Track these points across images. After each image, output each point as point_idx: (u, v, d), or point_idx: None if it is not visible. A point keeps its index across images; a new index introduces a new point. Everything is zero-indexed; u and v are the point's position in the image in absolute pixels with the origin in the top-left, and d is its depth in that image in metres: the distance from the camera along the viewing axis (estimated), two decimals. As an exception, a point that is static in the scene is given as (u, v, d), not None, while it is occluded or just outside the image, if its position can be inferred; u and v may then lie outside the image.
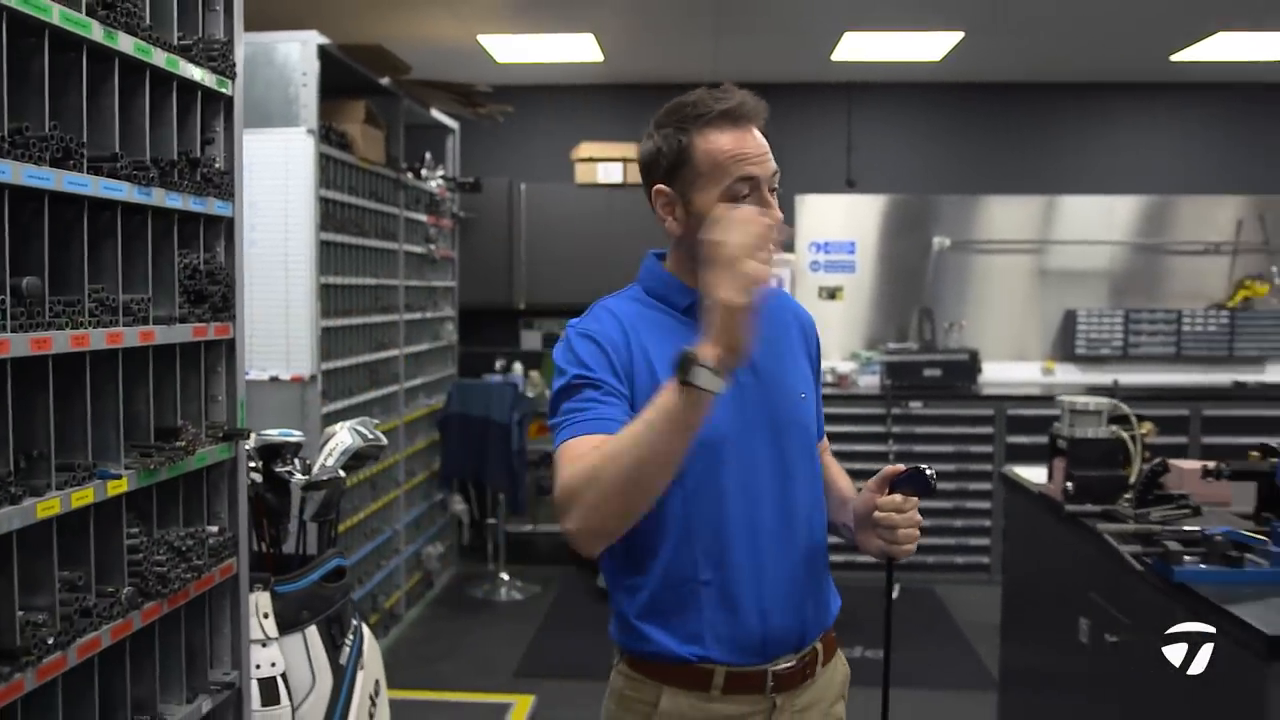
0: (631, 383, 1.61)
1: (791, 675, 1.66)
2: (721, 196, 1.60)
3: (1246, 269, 6.65)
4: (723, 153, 1.61)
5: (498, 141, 6.65)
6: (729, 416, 1.60)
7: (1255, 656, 1.90)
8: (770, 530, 1.65)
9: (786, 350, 1.79)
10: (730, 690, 1.62)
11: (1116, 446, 2.85)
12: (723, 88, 1.66)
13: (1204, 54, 6.04)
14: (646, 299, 1.74)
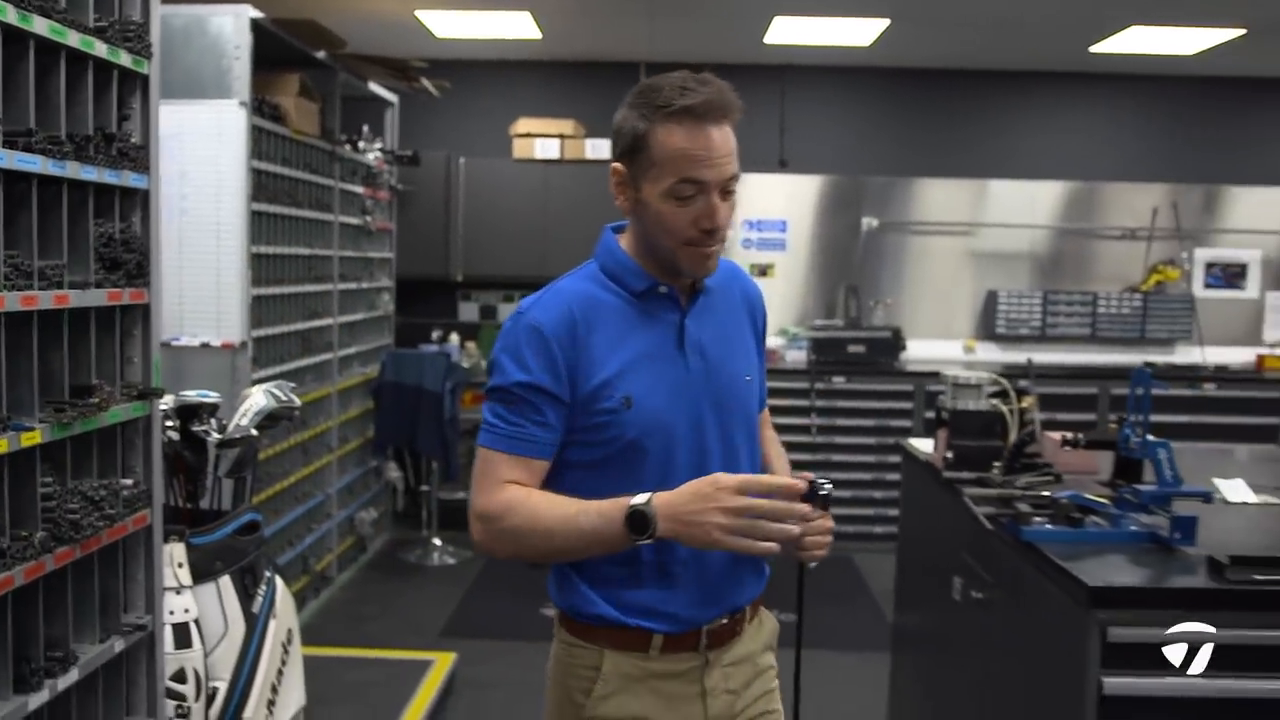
0: (573, 374, 1.65)
1: (722, 632, 1.76)
2: (666, 193, 1.62)
3: (1160, 255, 6.93)
4: (675, 149, 1.60)
5: (437, 116, 6.74)
6: (679, 401, 1.70)
7: (1079, 605, 2.11)
8: None
9: (735, 331, 1.83)
10: (667, 650, 1.72)
11: (994, 418, 3.04)
12: (700, 78, 1.63)
13: (1121, 46, 6.26)
14: (602, 279, 1.74)
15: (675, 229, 1.64)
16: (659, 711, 1.73)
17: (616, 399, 1.65)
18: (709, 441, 1.72)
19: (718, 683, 1.77)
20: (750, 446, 1.82)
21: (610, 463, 1.68)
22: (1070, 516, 2.43)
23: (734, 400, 1.78)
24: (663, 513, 1.54)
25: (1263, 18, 5.60)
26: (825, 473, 4.73)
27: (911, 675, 3.57)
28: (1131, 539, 2.38)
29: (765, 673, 1.87)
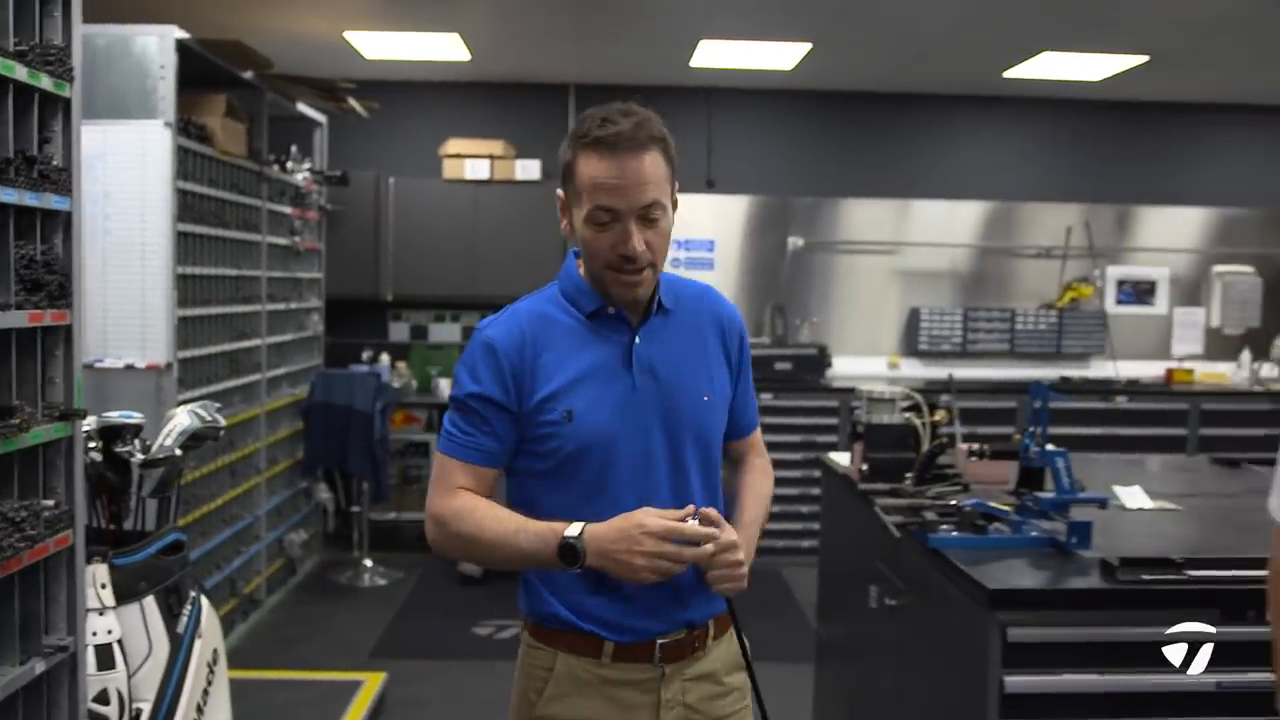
0: (520, 388, 1.75)
1: (679, 647, 1.81)
2: (586, 218, 1.71)
3: (1074, 272, 7.18)
4: (590, 179, 1.69)
5: (366, 136, 6.75)
6: (624, 417, 1.76)
7: (981, 607, 2.21)
8: None
9: (694, 352, 1.86)
10: (619, 659, 1.78)
11: (907, 431, 3.16)
12: (625, 109, 1.71)
13: (1033, 71, 6.50)
14: (560, 301, 1.83)
15: (597, 254, 1.73)
16: (610, 716, 1.79)
17: (559, 412, 1.74)
18: (655, 456, 1.78)
19: (675, 695, 1.81)
20: (703, 462, 1.85)
21: (554, 473, 1.77)
22: (975, 524, 2.54)
23: (684, 418, 1.81)
24: (591, 546, 1.64)
25: (1163, 47, 5.86)
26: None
27: (834, 683, 3.66)
28: (1031, 544, 2.49)
29: (732, 693, 1.89)
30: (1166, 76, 6.56)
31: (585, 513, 1.70)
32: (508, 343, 1.76)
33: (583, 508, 1.72)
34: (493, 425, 1.76)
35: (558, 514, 1.71)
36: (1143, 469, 3.92)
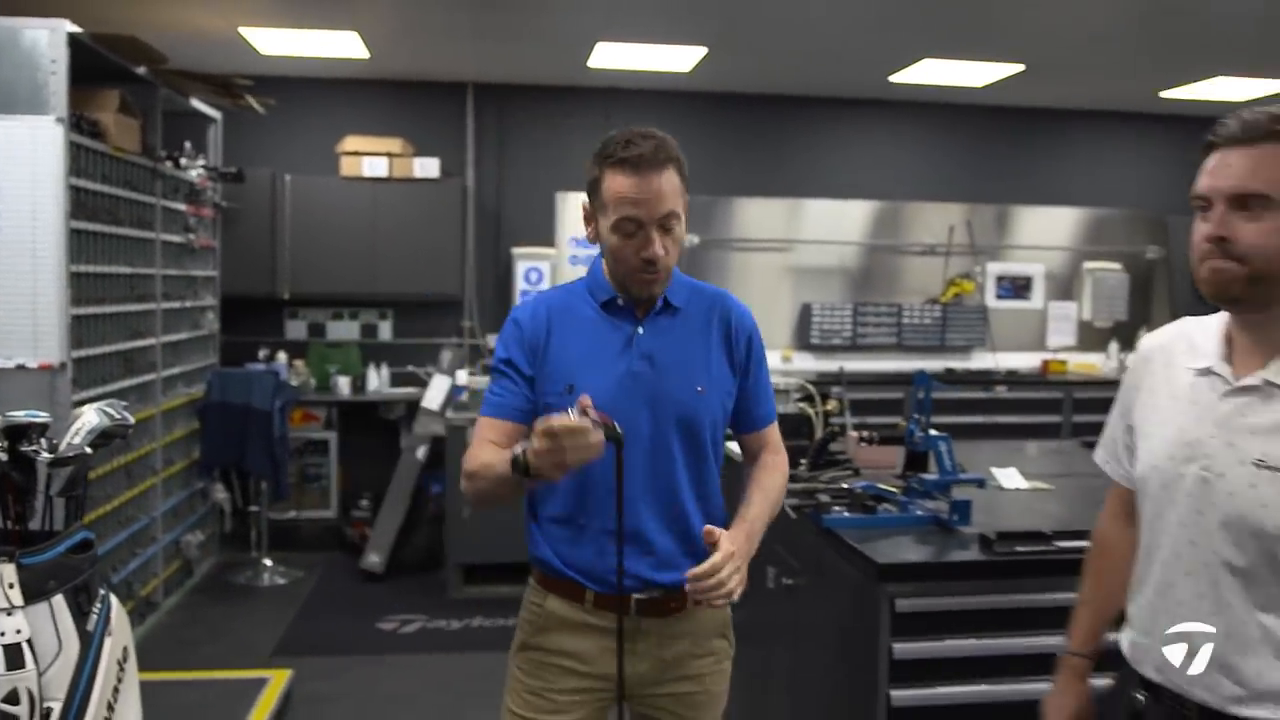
0: (536, 358, 2.03)
1: (654, 604, 2.01)
2: (612, 227, 1.95)
3: (957, 269, 7.50)
4: (616, 194, 1.92)
5: (262, 133, 6.67)
6: (616, 396, 1.96)
7: (871, 581, 2.37)
8: (644, 495, 1.98)
9: (697, 349, 2.06)
10: (600, 606, 2.01)
11: (801, 420, 3.33)
12: (646, 132, 1.96)
13: (917, 77, 6.77)
14: (582, 292, 2.10)
15: (623, 258, 1.97)
16: (588, 654, 2.03)
17: (561, 385, 2.00)
18: (638, 435, 1.96)
19: (649, 647, 2.04)
20: (690, 449, 2.02)
21: None
22: (865, 505, 2.71)
23: (674, 404, 2.01)
24: (530, 456, 1.79)
25: (1038, 57, 6.18)
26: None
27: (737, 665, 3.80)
28: (917, 522, 2.67)
29: (706, 656, 2.10)
30: (1042, 84, 6.91)
31: (569, 479, 1.87)
32: (530, 321, 2.06)
33: (578, 479, 1.93)
34: (520, 385, 2.04)
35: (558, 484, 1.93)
36: (1020, 453, 4.17)
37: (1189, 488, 1.60)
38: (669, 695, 2.07)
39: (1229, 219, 1.52)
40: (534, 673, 2.08)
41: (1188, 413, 1.64)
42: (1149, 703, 1.67)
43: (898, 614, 2.36)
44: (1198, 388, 1.64)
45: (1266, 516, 1.51)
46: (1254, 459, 1.53)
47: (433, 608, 5.46)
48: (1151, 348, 1.78)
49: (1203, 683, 1.59)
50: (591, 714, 2.08)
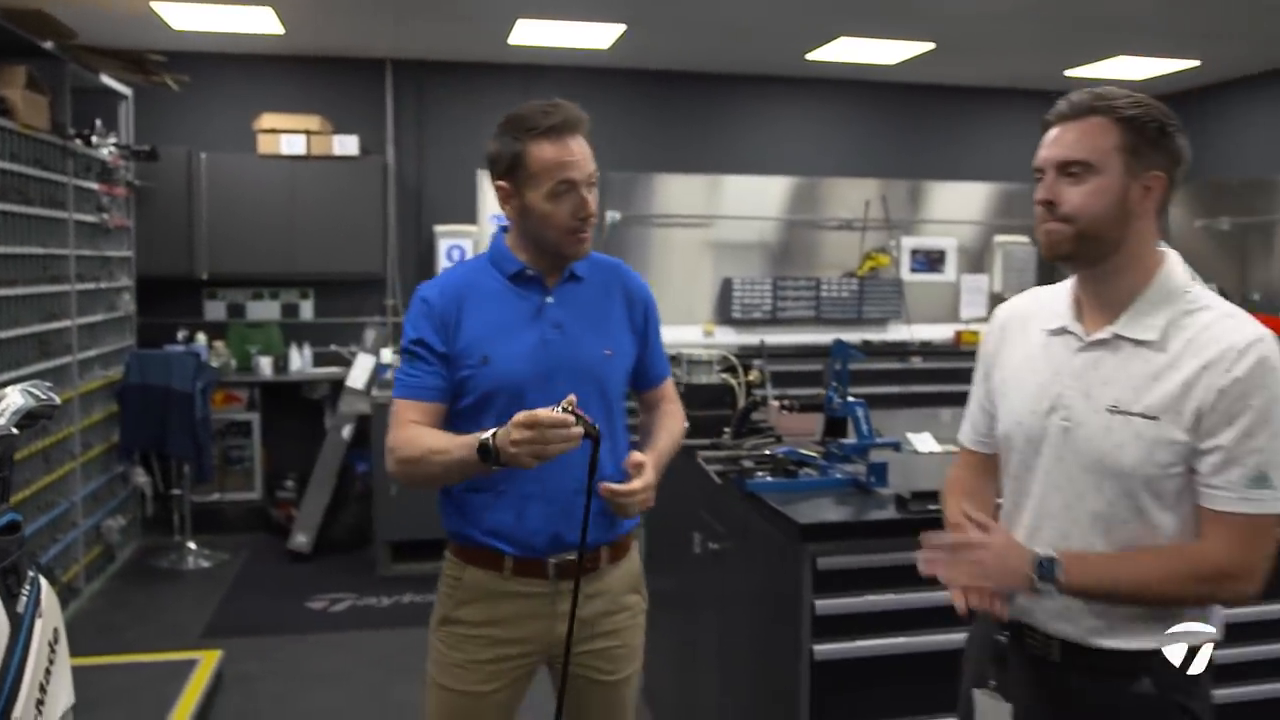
0: (449, 335, 2.06)
1: (572, 566, 2.04)
2: (547, 195, 2.00)
3: (873, 243, 7.67)
4: (548, 161, 1.99)
5: (176, 110, 6.55)
6: (532, 364, 2.06)
7: (793, 541, 2.48)
8: (559, 462, 1.92)
9: (602, 316, 2.17)
10: (518, 573, 2.08)
11: (724, 390, 3.42)
12: (553, 102, 2.02)
13: (832, 55, 6.90)
14: (487, 267, 2.14)
15: (559, 223, 2.03)
16: (510, 623, 2.10)
17: (476, 357, 2.07)
18: (556, 397, 1.98)
19: (568, 608, 2.02)
20: (604, 409, 2.11)
21: (475, 409, 2.07)
22: (787, 469, 2.82)
23: (584, 369, 2.11)
24: (498, 443, 1.86)
25: (948, 36, 6.35)
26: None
27: (665, 631, 3.90)
28: (836, 484, 2.79)
29: (622, 611, 2.21)
30: (952, 63, 7.10)
31: None
32: (439, 298, 2.10)
33: None
34: (433, 365, 2.07)
35: None
36: (934, 419, 4.32)
37: (1052, 438, 1.74)
38: (590, 652, 2.15)
39: (1056, 185, 1.69)
40: (457, 645, 2.13)
41: (1045, 370, 1.78)
42: (1010, 642, 1.80)
43: (819, 572, 2.47)
44: (1052, 346, 1.78)
45: (1123, 456, 1.65)
46: (1108, 406, 1.67)
47: (362, 586, 5.47)
48: (1006, 316, 1.93)
49: (1065, 618, 1.72)
50: (517, 679, 2.16)
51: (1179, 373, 1.62)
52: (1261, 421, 1.58)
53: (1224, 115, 7.92)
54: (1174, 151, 1.69)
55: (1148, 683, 1.67)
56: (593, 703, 2.19)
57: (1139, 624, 1.67)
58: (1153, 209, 1.69)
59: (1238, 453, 1.58)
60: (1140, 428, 1.63)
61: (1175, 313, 1.67)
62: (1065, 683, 1.74)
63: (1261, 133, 7.61)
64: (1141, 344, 1.67)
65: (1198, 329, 1.64)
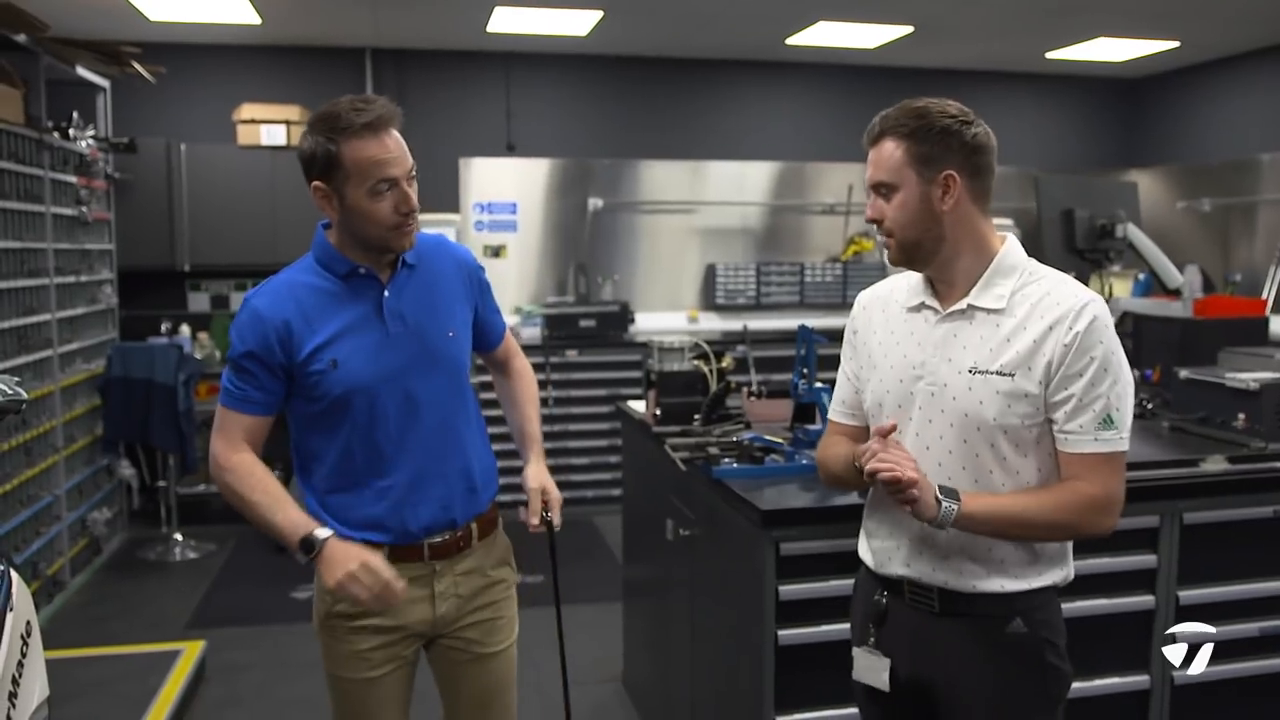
0: (287, 345, 2.04)
1: (445, 546, 2.16)
2: (367, 193, 1.97)
3: (856, 228, 7.70)
4: (367, 159, 1.96)
5: (154, 101, 6.54)
6: (381, 361, 2.06)
7: (757, 527, 2.50)
8: (423, 447, 2.12)
9: (441, 296, 2.18)
10: (395, 560, 2.08)
11: (696, 377, 3.44)
12: (365, 98, 2.00)
13: (812, 39, 6.90)
14: (315, 268, 2.10)
15: (382, 219, 2.01)
16: (389, 610, 2.10)
17: (325, 362, 2.05)
18: (413, 390, 2.11)
19: (447, 588, 2.18)
20: (454, 389, 2.17)
21: (328, 413, 2.08)
22: (753, 455, 2.84)
23: (433, 354, 2.14)
24: (328, 553, 1.95)
25: (926, 19, 6.35)
26: (563, 442, 5.18)
27: (641, 616, 3.94)
28: (802, 470, 2.81)
29: (497, 584, 2.27)
30: (932, 45, 7.10)
31: (351, 439, 2.07)
32: (273, 312, 2.05)
33: (349, 436, 2.07)
34: (260, 380, 2.06)
35: (327, 440, 2.08)
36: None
37: (920, 401, 1.91)
38: (469, 625, 2.22)
39: (877, 204, 1.91)
40: (342, 638, 2.17)
41: (909, 342, 1.96)
42: (890, 601, 1.99)
43: (783, 557, 2.49)
44: (914, 321, 1.97)
45: (985, 411, 1.84)
46: (968, 368, 1.86)
47: (346, 575, 5.47)
48: (869, 299, 2.10)
49: (947, 567, 1.90)
50: (404, 662, 2.22)
51: (1028, 333, 1.83)
52: (1102, 371, 1.80)
53: (1204, 96, 7.94)
54: (961, 147, 1.84)
55: (1019, 623, 1.89)
56: (474, 676, 2.25)
57: (1011, 569, 1.89)
58: (962, 201, 1.85)
59: (1086, 400, 1.81)
60: (998, 384, 1.83)
61: (1017, 283, 1.88)
62: (945, 631, 1.92)
63: (1241, 113, 7.63)
64: (992, 312, 1.87)
65: (1039, 295, 1.86)
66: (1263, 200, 6.98)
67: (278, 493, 2.03)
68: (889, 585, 1.99)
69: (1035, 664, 1.90)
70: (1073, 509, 1.82)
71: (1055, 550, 1.93)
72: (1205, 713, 2.85)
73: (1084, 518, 1.83)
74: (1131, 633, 2.79)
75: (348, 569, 1.91)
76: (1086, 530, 1.85)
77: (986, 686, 1.89)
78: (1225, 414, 3.15)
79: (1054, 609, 1.94)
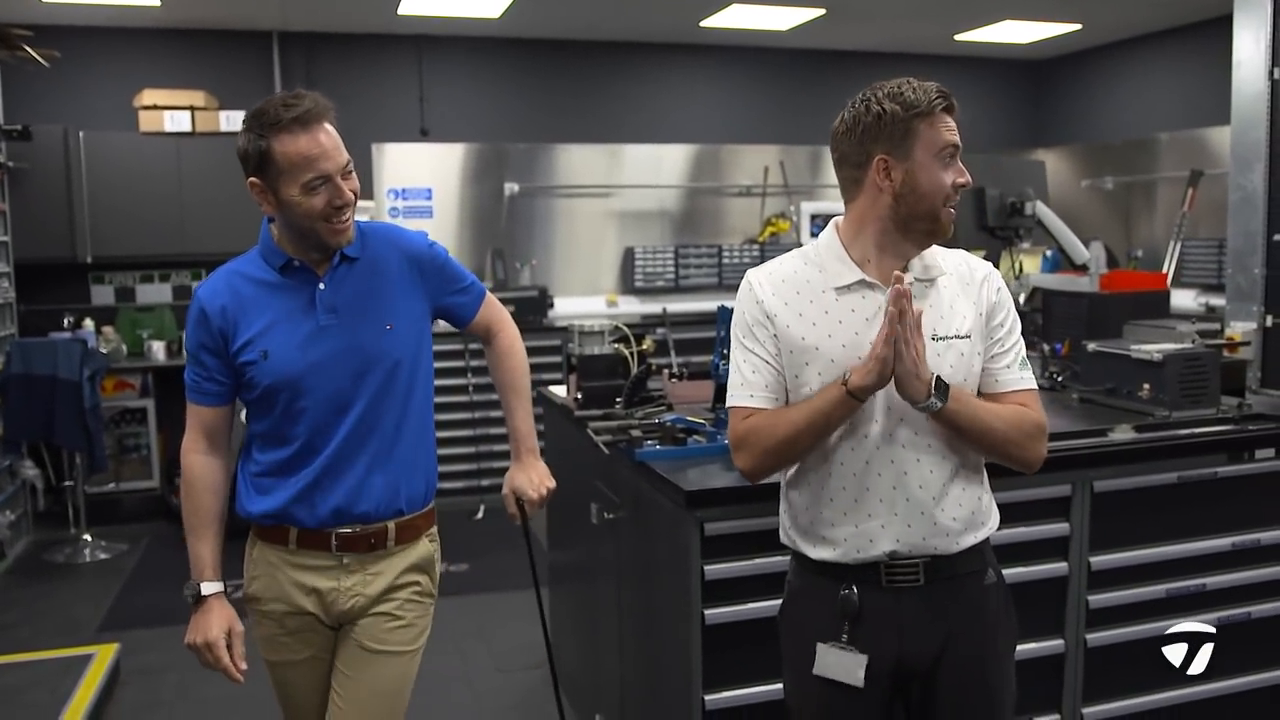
0: (226, 336, 2.07)
1: (355, 540, 2.14)
2: (301, 189, 1.97)
3: (773, 209, 7.75)
4: (297, 155, 1.95)
5: (50, 87, 6.31)
6: (310, 352, 2.07)
7: (681, 507, 2.51)
8: (345, 438, 2.11)
9: (379, 290, 2.15)
10: (303, 546, 2.13)
11: (617, 360, 3.43)
12: (295, 94, 1.98)
13: (726, 21, 6.93)
14: (258, 260, 2.12)
15: (313, 214, 2.00)
16: (297, 597, 2.16)
17: (256, 352, 2.07)
18: (341, 383, 2.11)
19: (354, 585, 2.16)
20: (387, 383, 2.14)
21: (260, 401, 2.12)
22: (675, 437, 2.84)
23: (364, 348, 2.12)
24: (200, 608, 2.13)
25: (838, 1, 6.41)
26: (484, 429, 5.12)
27: (567, 602, 3.93)
28: (724, 451, 2.79)
29: (406, 587, 2.23)
30: (844, 27, 7.18)
31: (279, 423, 2.10)
32: (212, 300, 2.09)
33: (276, 420, 2.10)
34: (210, 370, 2.11)
35: (268, 437, 2.13)
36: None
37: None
38: (371, 619, 2.20)
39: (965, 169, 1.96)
40: (260, 621, 2.21)
41: (854, 319, 1.92)
42: (862, 593, 1.95)
43: (707, 538, 2.50)
44: (851, 299, 1.94)
45: (953, 375, 1.90)
46: (930, 336, 1.90)
47: (265, 570, 5.37)
48: (770, 281, 1.99)
49: (934, 534, 1.93)
50: (321, 645, 2.22)
51: (966, 297, 1.97)
52: (1013, 321, 2.01)
53: (1106, 77, 8.16)
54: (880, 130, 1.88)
55: (991, 573, 2.02)
56: (365, 672, 2.21)
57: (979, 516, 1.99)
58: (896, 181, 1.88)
59: (1010, 345, 2.00)
60: (960, 347, 1.94)
61: (935, 255, 1.99)
62: (932, 601, 1.95)
63: (1142, 94, 7.86)
64: (930, 281, 1.96)
65: (956, 262, 2.01)
66: (1161, 178, 7.21)
67: (206, 517, 2.14)
68: (860, 575, 1.95)
69: (1007, 609, 2.04)
70: (1025, 428, 1.95)
71: (990, 493, 2.06)
72: (1117, 673, 2.94)
73: (1031, 441, 1.96)
74: (1046, 599, 2.86)
75: (197, 637, 2.09)
76: (1028, 453, 1.97)
77: (975, 644, 1.97)
78: (1131, 384, 3.24)
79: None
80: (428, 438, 2.26)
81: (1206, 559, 2.99)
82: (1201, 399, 3.13)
